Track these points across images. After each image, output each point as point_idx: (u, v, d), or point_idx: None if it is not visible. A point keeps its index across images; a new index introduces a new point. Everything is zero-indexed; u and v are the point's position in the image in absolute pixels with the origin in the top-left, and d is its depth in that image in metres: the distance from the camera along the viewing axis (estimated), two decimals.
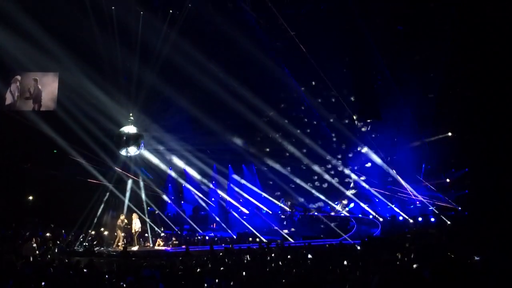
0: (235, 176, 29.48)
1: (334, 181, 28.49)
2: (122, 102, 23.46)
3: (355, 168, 28.71)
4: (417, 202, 26.52)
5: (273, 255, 15.93)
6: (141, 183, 25.86)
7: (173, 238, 23.59)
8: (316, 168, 28.45)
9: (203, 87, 24.65)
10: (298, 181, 28.48)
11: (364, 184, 27.44)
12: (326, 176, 28.63)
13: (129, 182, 25.31)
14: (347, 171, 28.38)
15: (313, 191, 28.46)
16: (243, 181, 29.33)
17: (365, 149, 27.83)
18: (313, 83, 27.68)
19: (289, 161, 29.23)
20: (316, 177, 29.04)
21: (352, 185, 28.55)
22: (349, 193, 28.15)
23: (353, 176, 28.21)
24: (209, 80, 24.23)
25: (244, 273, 11.60)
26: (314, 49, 24.05)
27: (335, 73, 25.76)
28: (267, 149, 29.60)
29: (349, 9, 23.43)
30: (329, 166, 28.80)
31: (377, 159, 27.08)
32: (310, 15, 24.30)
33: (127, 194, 25.09)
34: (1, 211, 24.18)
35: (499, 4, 19.05)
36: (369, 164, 28.35)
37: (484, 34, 20.09)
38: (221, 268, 12.50)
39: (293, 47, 25.01)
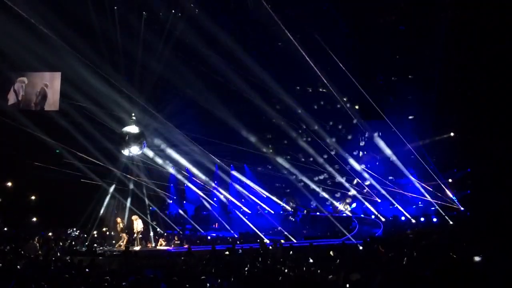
0: (237, 175, 29.45)
1: (341, 179, 28.32)
2: (125, 102, 23.43)
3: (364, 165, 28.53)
4: (419, 202, 26.49)
5: (275, 255, 15.95)
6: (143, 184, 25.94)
7: (175, 238, 23.63)
8: (322, 164, 28.25)
9: (211, 80, 24.61)
10: (305, 180, 28.29)
11: (373, 182, 27.30)
12: (331, 174, 28.48)
13: (131, 182, 25.38)
14: (358, 168, 28.15)
15: (318, 190, 28.34)
16: (244, 179, 29.28)
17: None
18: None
19: (295, 159, 29.19)
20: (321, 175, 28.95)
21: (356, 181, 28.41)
22: (354, 192, 28.03)
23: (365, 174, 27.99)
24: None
25: (246, 273, 11.61)
26: (315, 48, 24.04)
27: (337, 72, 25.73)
28: (276, 147, 29.50)
29: (351, 9, 23.44)
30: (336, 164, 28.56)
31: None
32: (311, 15, 24.28)
33: (129, 195, 25.17)
34: (3, 211, 24.26)
35: (499, 3, 19.01)
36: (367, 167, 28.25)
37: (486, 33, 20.06)
38: (223, 268, 12.51)
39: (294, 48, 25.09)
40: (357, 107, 27.43)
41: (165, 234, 24.90)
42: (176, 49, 23.81)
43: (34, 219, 25.22)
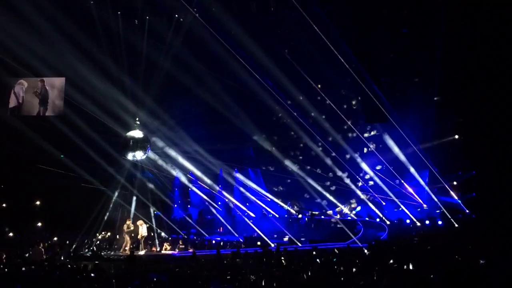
0: (242, 178, 29.42)
1: (347, 179, 28.23)
2: (129, 105, 23.39)
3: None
4: (424, 205, 26.41)
5: (281, 259, 15.90)
6: (147, 187, 25.94)
7: (180, 242, 23.63)
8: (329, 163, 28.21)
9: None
10: (311, 182, 28.19)
11: (379, 182, 27.18)
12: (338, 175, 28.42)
13: (135, 187, 25.41)
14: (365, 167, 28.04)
15: (325, 193, 28.25)
16: (249, 182, 29.24)
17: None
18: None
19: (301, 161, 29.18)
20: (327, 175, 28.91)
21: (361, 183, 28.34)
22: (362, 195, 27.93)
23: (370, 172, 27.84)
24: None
25: (251, 277, 11.58)
26: (318, 52, 24.06)
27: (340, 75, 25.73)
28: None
29: (355, 11, 23.45)
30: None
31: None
32: (315, 17, 24.28)
33: (133, 200, 25.17)
34: (9, 216, 24.31)
35: (502, 5, 18.96)
36: (378, 166, 28.10)
37: (490, 36, 20.01)
38: (228, 273, 12.48)
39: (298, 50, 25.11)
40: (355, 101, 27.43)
41: (170, 238, 24.91)
42: (183, 49, 23.75)
43: (39, 224, 25.26)
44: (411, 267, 10.66)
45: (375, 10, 23.31)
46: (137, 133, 22.38)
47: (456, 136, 25.08)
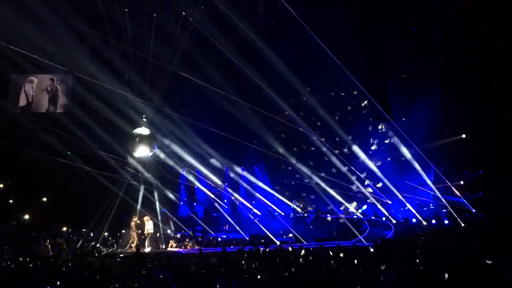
0: (248, 176, 29.36)
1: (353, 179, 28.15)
2: (136, 102, 23.39)
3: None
4: (431, 205, 26.32)
5: (286, 257, 15.89)
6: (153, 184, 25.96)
7: (186, 240, 23.65)
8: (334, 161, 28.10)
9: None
10: (318, 180, 28.11)
11: (386, 182, 27.07)
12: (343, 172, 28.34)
13: (141, 185, 25.43)
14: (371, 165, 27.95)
15: (331, 191, 28.17)
16: (255, 180, 29.16)
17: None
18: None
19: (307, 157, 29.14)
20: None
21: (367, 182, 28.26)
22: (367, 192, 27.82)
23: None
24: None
25: (256, 274, 11.57)
26: (326, 50, 23.96)
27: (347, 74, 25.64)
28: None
29: (362, 10, 23.39)
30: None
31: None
32: (322, 16, 24.22)
33: (140, 197, 25.19)
34: (15, 212, 24.40)
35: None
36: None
37: (498, 32, 19.91)
38: (234, 270, 12.48)
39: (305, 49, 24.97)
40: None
41: (176, 235, 24.94)
42: (191, 46, 23.74)
43: (46, 220, 25.33)
44: (418, 266, 10.63)
45: (383, 9, 23.25)
46: (143, 130, 22.41)
47: (463, 136, 24.98)
